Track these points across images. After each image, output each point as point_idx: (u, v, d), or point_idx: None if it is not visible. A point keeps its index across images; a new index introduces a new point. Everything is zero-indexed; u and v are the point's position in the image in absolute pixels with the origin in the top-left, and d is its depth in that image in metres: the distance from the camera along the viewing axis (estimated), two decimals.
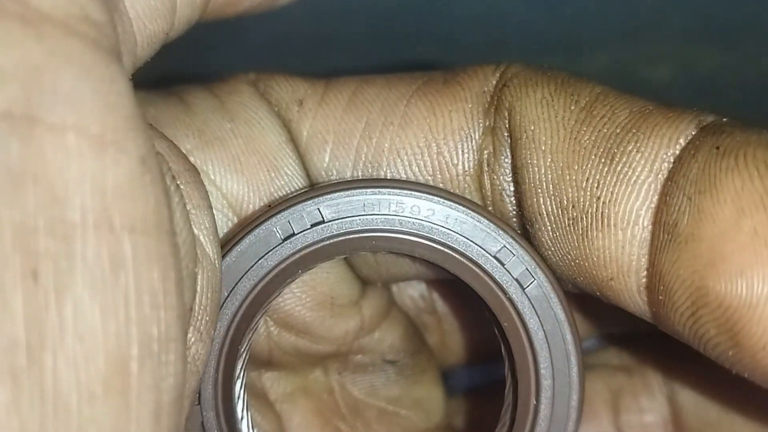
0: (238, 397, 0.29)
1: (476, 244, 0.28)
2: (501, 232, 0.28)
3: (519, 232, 0.29)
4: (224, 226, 0.29)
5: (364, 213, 0.28)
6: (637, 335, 0.29)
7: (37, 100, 0.19)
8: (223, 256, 0.28)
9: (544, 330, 0.28)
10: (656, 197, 0.25)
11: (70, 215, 0.19)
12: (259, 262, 0.28)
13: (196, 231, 0.25)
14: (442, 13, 0.43)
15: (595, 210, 0.26)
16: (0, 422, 0.18)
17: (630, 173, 0.25)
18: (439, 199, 0.28)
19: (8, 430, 0.18)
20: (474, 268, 0.28)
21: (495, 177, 0.29)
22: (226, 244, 0.28)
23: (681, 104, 0.26)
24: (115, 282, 0.20)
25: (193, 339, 0.24)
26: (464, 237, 0.28)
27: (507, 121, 0.28)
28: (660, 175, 0.25)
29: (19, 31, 0.19)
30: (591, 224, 0.26)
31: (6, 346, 0.18)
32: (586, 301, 0.30)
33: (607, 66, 0.46)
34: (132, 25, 0.23)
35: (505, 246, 0.28)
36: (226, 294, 0.28)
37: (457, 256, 0.28)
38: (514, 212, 0.29)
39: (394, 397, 0.37)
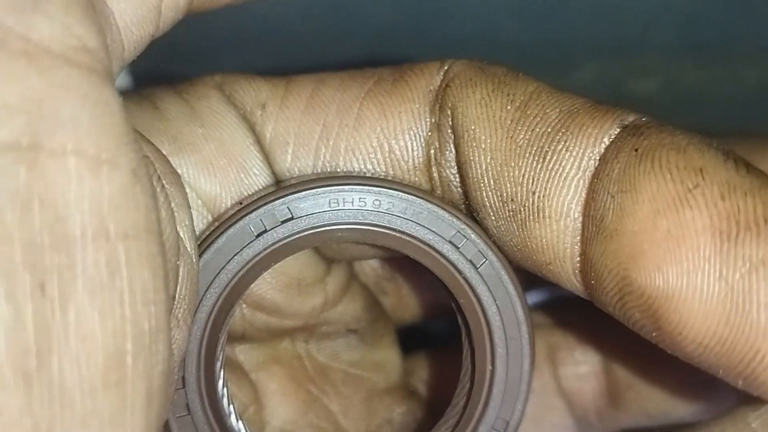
0: (219, 377, 0.31)
1: (432, 231, 0.30)
2: (454, 219, 0.30)
3: (470, 217, 0.30)
4: (199, 223, 0.31)
5: (330, 208, 0.30)
6: (571, 296, 0.31)
7: (40, 129, 0.20)
8: (202, 253, 0.29)
9: (496, 304, 0.30)
10: (584, 192, 0.27)
11: (71, 230, 0.21)
12: (235, 257, 0.29)
13: (178, 228, 0.27)
14: (433, 31, 0.43)
15: (531, 203, 0.28)
16: (15, 422, 0.20)
17: (561, 170, 0.27)
18: (397, 192, 0.30)
19: (22, 429, 0.20)
20: (432, 252, 0.30)
21: (442, 170, 0.30)
22: (204, 241, 0.30)
23: (666, 117, 0.28)
24: (112, 286, 0.21)
25: (171, 325, 0.26)
26: (421, 225, 0.30)
27: (450, 119, 0.30)
28: (587, 172, 0.27)
29: (23, 66, 0.20)
30: (528, 216, 0.28)
31: (19, 354, 0.20)
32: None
33: (596, 79, 0.46)
34: (120, 34, 0.24)
35: (458, 231, 0.30)
36: (206, 287, 0.29)
37: (416, 242, 0.30)
38: (463, 200, 0.31)
39: (355, 361, 0.39)
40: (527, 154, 0.28)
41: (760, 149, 0.35)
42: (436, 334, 0.45)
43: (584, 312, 0.37)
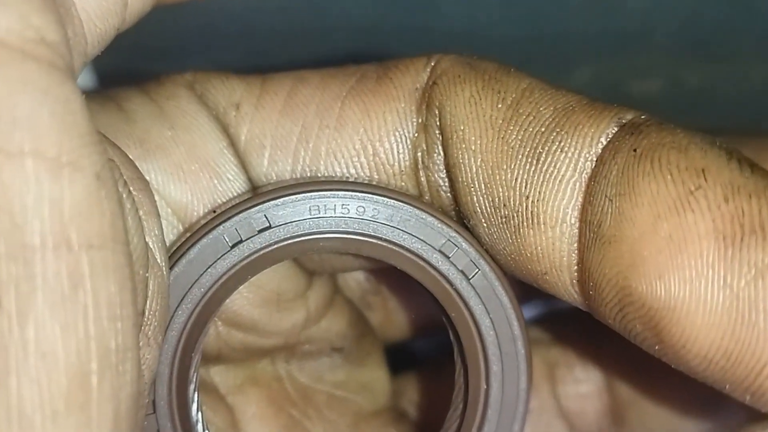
0: (192, 401, 0.31)
1: (421, 239, 0.29)
2: (444, 226, 0.29)
3: (461, 224, 0.30)
4: (169, 233, 0.31)
5: (311, 216, 0.29)
6: (569, 310, 0.31)
7: None
8: (173, 265, 0.29)
9: (490, 318, 0.30)
10: (581, 195, 0.27)
11: (30, 239, 0.20)
12: (209, 269, 0.29)
13: (147, 238, 0.26)
14: (421, 29, 0.43)
15: (524, 208, 0.28)
16: None
17: (555, 173, 0.27)
18: (383, 198, 0.29)
19: None
20: (420, 262, 0.30)
21: (430, 174, 0.30)
22: (175, 252, 0.29)
23: (669, 118, 0.28)
24: (75, 299, 0.21)
25: (141, 344, 0.26)
26: (409, 233, 0.29)
27: (438, 120, 0.30)
28: (584, 174, 0.27)
29: None
30: (522, 222, 0.28)
31: None
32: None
33: (594, 80, 0.46)
34: (82, 27, 0.24)
35: (448, 240, 0.29)
36: (177, 302, 0.29)
37: (403, 252, 0.29)
38: (452, 206, 0.30)
39: (340, 382, 0.39)
40: (520, 156, 0.28)
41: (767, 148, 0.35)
42: (427, 352, 0.45)
43: (584, 326, 0.36)
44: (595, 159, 0.27)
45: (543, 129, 0.28)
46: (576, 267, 0.27)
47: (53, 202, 0.21)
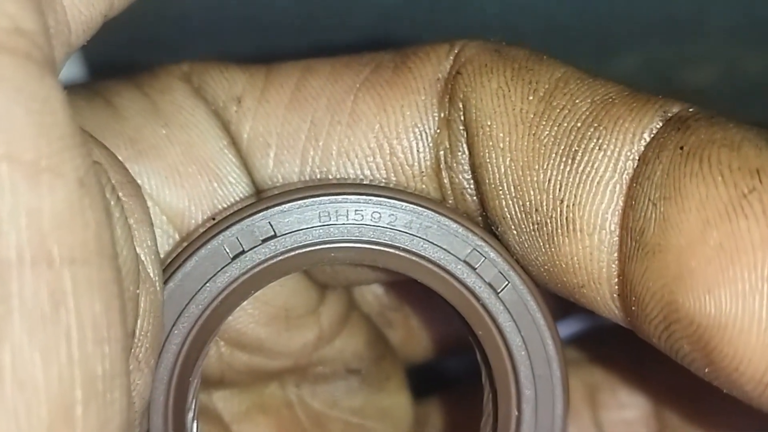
0: (191, 431, 0.30)
1: (444, 248, 0.29)
2: (469, 234, 0.29)
3: (488, 231, 0.29)
4: (164, 243, 0.30)
5: (320, 224, 0.28)
6: (610, 326, 0.30)
7: None
8: (167, 280, 0.28)
9: (522, 336, 0.29)
10: (622, 199, 0.26)
11: (5, 253, 0.20)
12: (207, 284, 0.28)
13: (138, 249, 0.26)
14: (451, 9, 0.42)
15: (559, 214, 0.27)
16: None
17: (593, 173, 0.27)
18: (401, 203, 0.29)
19: None
20: (443, 274, 0.29)
21: (453, 175, 0.30)
22: (170, 265, 0.28)
23: (724, 112, 0.27)
24: (56, 321, 0.20)
25: (131, 368, 0.25)
26: (430, 242, 0.29)
27: (462, 114, 0.29)
28: (625, 175, 0.26)
29: None
30: (556, 229, 0.27)
31: None
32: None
33: (643, 67, 0.46)
34: (66, 14, 0.23)
35: (474, 249, 0.29)
36: (173, 321, 0.28)
37: (423, 263, 0.29)
38: (479, 211, 0.30)
39: (358, 408, 0.38)
40: (553, 155, 0.27)
41: None
42: (452, 375, 0.45)
43: (628, 344, 0.36)
44: (637, 158, 0.26)
45: (579, 124, 0.27)
46: (616, 279, 0.27)
47: (31, 212, 0.20)
